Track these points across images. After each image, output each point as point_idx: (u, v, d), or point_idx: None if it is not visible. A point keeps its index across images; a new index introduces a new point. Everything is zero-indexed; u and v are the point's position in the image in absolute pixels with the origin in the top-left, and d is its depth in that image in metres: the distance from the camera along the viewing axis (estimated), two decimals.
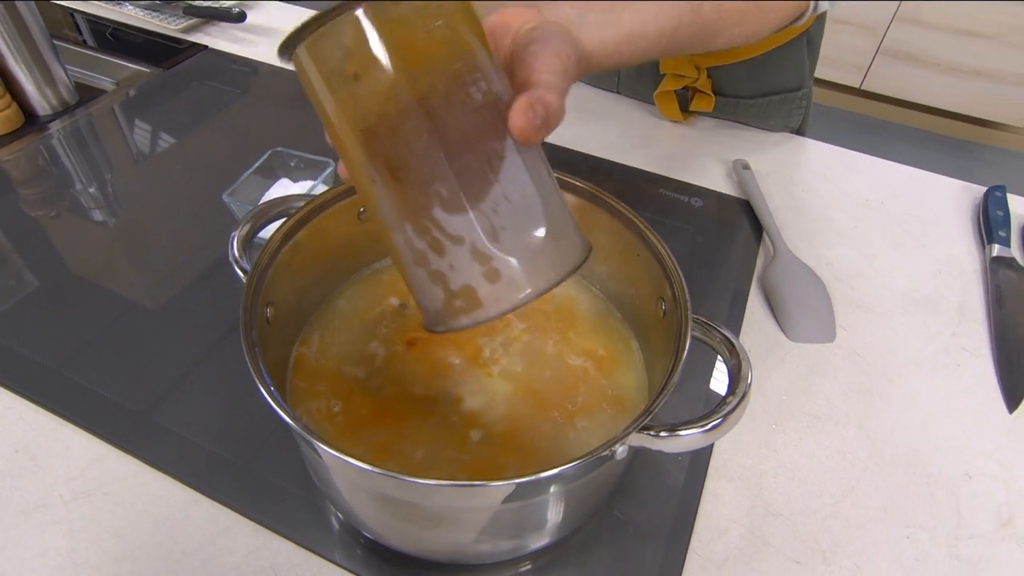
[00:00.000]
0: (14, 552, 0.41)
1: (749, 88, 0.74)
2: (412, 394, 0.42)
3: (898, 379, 0.53)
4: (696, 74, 0.71)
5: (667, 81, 0.73)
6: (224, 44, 0.89)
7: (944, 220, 0.68)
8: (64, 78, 0.78)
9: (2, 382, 0.49)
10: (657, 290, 0.39)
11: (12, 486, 0.44)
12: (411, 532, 0.38)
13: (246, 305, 0.36)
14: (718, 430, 0.33)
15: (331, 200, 0.43)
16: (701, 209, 0.66)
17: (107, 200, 0.68)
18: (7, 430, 0.47)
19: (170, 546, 0.41)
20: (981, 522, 0.45)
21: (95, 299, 0.56)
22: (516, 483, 0.31)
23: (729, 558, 0.42)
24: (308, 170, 0.63)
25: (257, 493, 0.44)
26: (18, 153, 0.72)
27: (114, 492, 0.43)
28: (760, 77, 0.73)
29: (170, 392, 0.49)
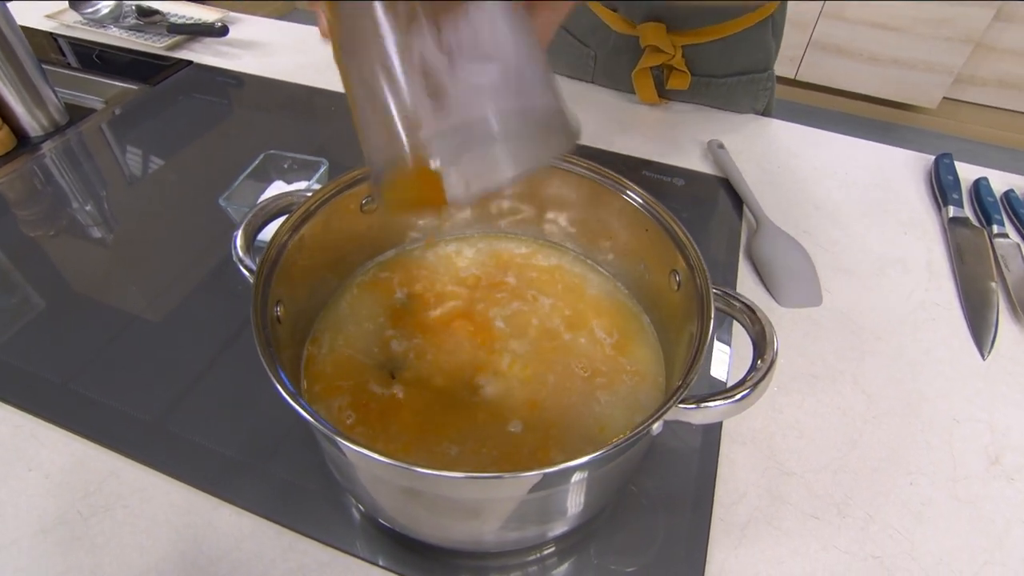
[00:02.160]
0: (37, 572, 0.35)
1: (721, 67, 0.71)
2: (429, 384, 0.38)
3: (884, 335, 0.50)
4: (673, 51, 0.68)
5: (646, 57, 0.70)
6: (209, 58, 0.83)
7: (902, 187, 0.66)
8: (54, 99, 0.71)
9: (10, 400, 0.43)
10: (669, 263, 0.36)
11: (29, 505, 0.38)
12: (437, 523, 0.34)
13: (256, 304, 0.31)
14: (748, 400, 0.29)
15: (333, 194, 0.38)
16: (683, 188, 0.63)
17: (104, 216, 0.62)
18: (19, 448, 0.41)
19: (195, 555, 0.36)
20: (973, 463, 0.43)
21: (98, 314, 0.51)
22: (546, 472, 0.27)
23: (751, 520, 0.38)
24: (302, 171, 0.57)
25: (277, 494, 0.39)
26: (12, 175, 0.65)
27: (133, 504, 0.38)
28: (731, 56, 0.70)
29: (180, 400, 0.44)
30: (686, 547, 0.37)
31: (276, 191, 0.56)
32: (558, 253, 0.45)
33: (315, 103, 0.76)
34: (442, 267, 0.44)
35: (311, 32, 0.90)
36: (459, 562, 0.37)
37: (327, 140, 0.70)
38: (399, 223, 0.44)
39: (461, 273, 0.44)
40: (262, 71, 0.81)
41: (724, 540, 0.38)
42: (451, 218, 0.45)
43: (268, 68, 0.81)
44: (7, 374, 0.45)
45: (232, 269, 0.53)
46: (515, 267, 0.45)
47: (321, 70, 0.80)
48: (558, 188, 0.42)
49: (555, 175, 0.41)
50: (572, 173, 0.40)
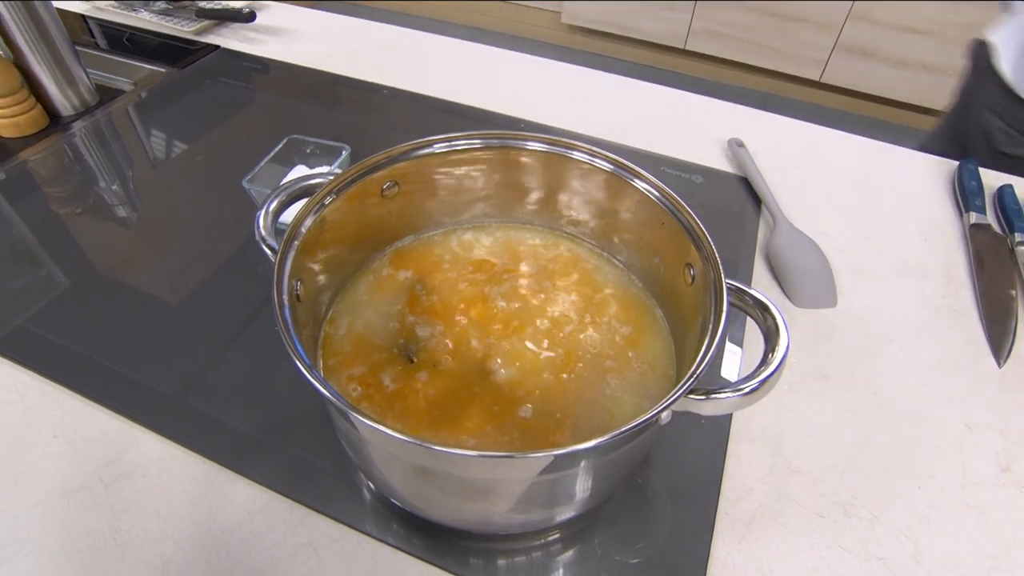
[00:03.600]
0: (60, 534, 0.37)
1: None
2: (442, 367, 0.38)
3: (898, 340, 0.50)
4: None
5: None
6: (236, 44, 0.84)
7: (924, 191, 0.65)
8: (85, 80, 0.72)
9: (38, 369, 0.45)
10: (683, 257, 0.36)
11: (54, 469, 0.40)
12: (447, 503, 0.35)
13: (277, 281, 0.32)
14: (756, 394, 0.30)
15: (355, 178, 0.38)
16: (701, 185, 0.63)
17: (129, 196, 0.63)
18: (46, 416, 0.43)
19: (209, 525, 0.37)
20: (983, 469, 0.42)
21: (123, 290, 0.52)
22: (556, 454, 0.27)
23: (756, 515, 0.39)
24: (324, 156, 0.58)
25: (290, 470, 0.40)
26: (43, 153, 0.67)
27: (152, 474, 0.40)
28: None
29: (200, 376, 0.45)
30: (690, 540, 0.37)
31: (298, 175, 0.57)
32: (573, 244, 0.46)
33: (338, 90, 0.77)
34: (459, 254, 0.45)
35: (337, 20, 0.91)
36: (467, 543, 0.37)
37: (349, 126, 0.71)
38: (419, 210, 0.45)
39: (477, 260, 0.45)
40: (288, 57, 0.82)
41: (728, 534, 0.38)
42: (469, 208, 0.46)
43: (294, 55, 0.82)
44: (36, 344, 0.47)
45: (252, 251, 0.55)
46: (530, 256, 0.45)
47: (345, 58, 0.81)
48: (575, 180, 0.42)
49: (573, 166, 0.41)
50: (590, 165, 0.40)
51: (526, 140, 0.41)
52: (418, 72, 0.80)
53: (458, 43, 0.87)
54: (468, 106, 0.74)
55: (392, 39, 0.87)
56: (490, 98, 0.75)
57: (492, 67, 0.83)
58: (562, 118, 0.72)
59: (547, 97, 0.77)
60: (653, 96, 0.77)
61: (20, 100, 0.67)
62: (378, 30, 0.89)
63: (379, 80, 0.78)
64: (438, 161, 0.41)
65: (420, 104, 0.75)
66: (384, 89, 0.77)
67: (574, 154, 0.40)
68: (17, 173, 0.63)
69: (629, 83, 0.80)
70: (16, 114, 0.67)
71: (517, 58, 0.84)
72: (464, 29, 2.71)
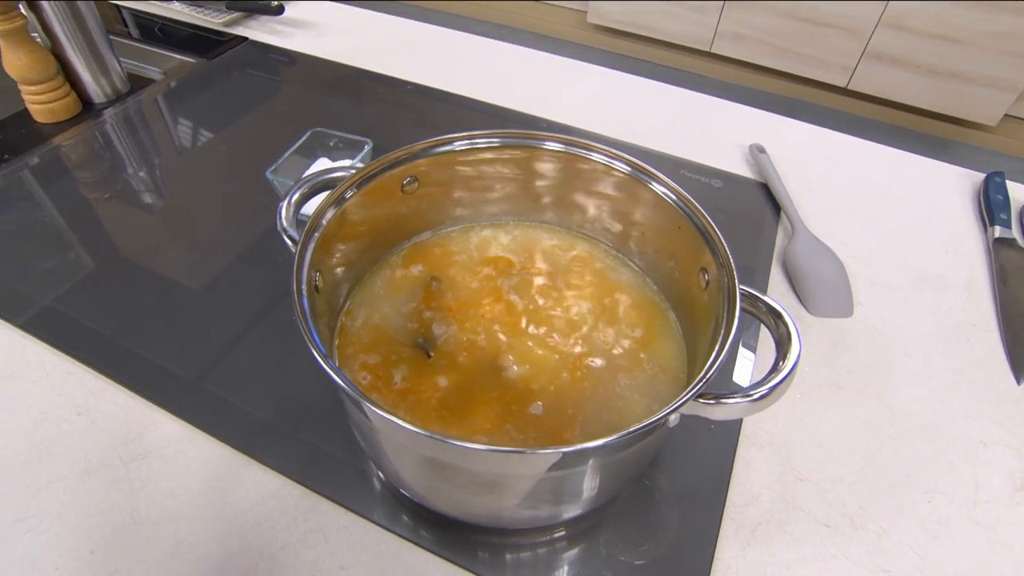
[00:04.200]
0: (80, 508, 0.38)
1: None
2: (455, 362, 0.39)
3: (914, 352, 0.49)
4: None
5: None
6: (264, 36, 0.85)
7: (948, 203, 0.64)
8: (117, 68, 0.74)
9: (64, 348, 0.46)
10: (699, 261, 0.36)
11: (76, 446, 0.41)
12: (455, 496, 0.35)
13: (297, 271, 0.32)
14: (765, 400, 0.30)
15: (376, 172, 0.39)
16: (720, 190, 0.63)
17: (155, 183, 0.65)
18: (70, 394, 0.44)
19: (222, 506, 0.38)
20: (997, 487, 0.42)
21: (147, 274, 0.53)
22: (565, 451, 0.28)
23: (762, 522, 0.39)
24: (347, 150, 0.59)
25: (303, 457, 0.41)
26: (76, 139, 0.68)
27: (169, 455, 0.41)
28: None
29: (219, 361, 0.46)
30: (695, 543, 0.38)
31: (321, 167, 0.58)
32: (590, 245, 0.46)
33: (363, 85, 0.78)
34: (476, 251, 0.45)
35: (364, 15, 0.92)
36: (473, 537, 0.38)
37: (372, 121, 0.72)
38: (438, 206, 0.45)
39: (494, 258, 0.45)
40: (314, 51, 0.83)
41: (733, 540, 0.38)
42: (488, 205, 0.46)
43: (320, 48, 0.83)
44: (63, 324, 0.48)
45: (274, 240, 0.56)
46: (547, 256, 0.45)
47: (371, 53, 0.82)
48: (593, 181, 0.42)
49: (591, 168, 0.41)
50: (607, 166, 0.40)
51: (545, 140, 0.41)
52: (442, 69, 0.80)
53: (482, 40, 0.87)
54: (490, 104, 0.75)
55: (417, 35, 0.88)
56: (512, 96, 0.76)
57: (515, 65, 0.83)
58: (583, 118, 0.72)
59: (569, 97, 0.77)
60: (675, 99, 0.77)
61: (55, 87, 0.69)
62: (403, 26, 0.90)
63: (403, 75, 0.78)
64: (458, 159, 0.42)
65: (443, 100, 0.75)
66: (408, 85, 0.77)
67: (592, 155, 0.40)
68: (50, 158, 0.65)
69: (651, 85, 0.80)
70: (51, 100, 0.69)
71: (540, 57, 0.84)
72: (490, 26, 2.71)
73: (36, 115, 0.70)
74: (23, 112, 0.70)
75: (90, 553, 0.36)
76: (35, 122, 0.70)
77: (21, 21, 0.63)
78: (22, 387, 0.44)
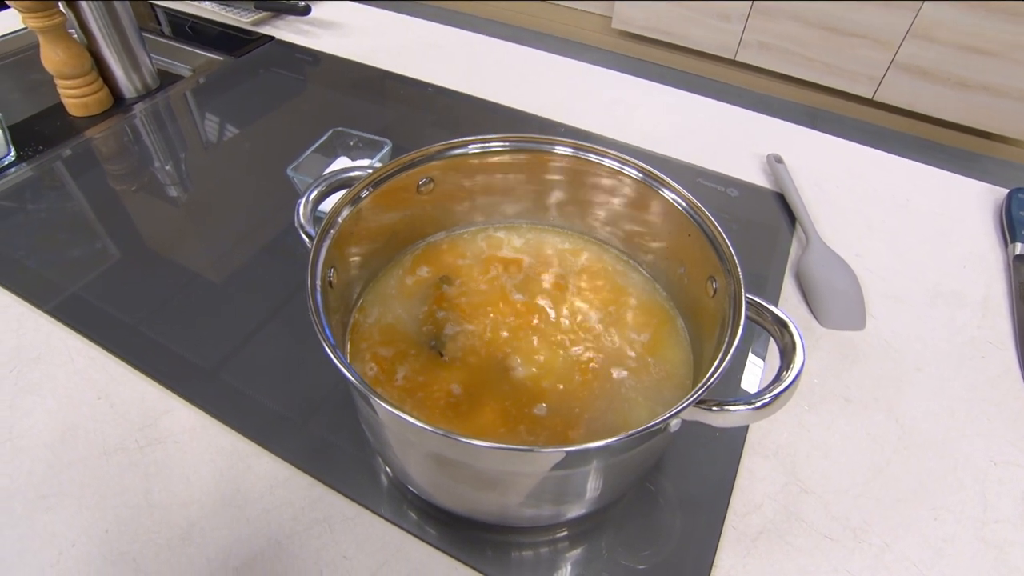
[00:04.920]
0: (97, 488, 0.39)
1: None
2: (463, 361, 0.39)
3: (926, 367, 0.49)
4: None
5: None
6: (290, 35, 0.87)
7: (968, 218, 0.63)
8: (148, 64, 0.76)
9: (88, 335, 0.48)
10: (708, 270, 0.36)
11: (96, 429, 0.42)
12: (459, 492, 0.36)
13: (312, 267, 0.33)
14: (768, 408, 0.30)
15: (393, 172, 0.40)
16: (736, 199, 0.63)
17: (181, 177, 0.66)
18: (91, 378, 0.45)
19: (233, 493, 0.39)
20: (1006, 508, 0.41)
21: (169, 265, 0.55)
22: (568, 451, 0.28)
23: (764, 531, 0.39)
24: (366, 149, 0.60)
25: (313, 449, 0.42)
26: (107, 132, 0.70)
27: (184, 441, 0.42)
28: None
29: (235, 352, 0.47)
30: (695, 549, 0.38)
31: (340, 166, 0.59)
32: (601, 250, 0.46)
33: (385, 85, 0.79)
34: (489, 252, 0.46)
35: (389, 16, 0.93)
36: (476, 534, 0.38)
37: (393, 122, 0.73)
38: (452, 208, 0.46)
39: (506, 260, 0.46)
40: (338, 51, 0.84)
41: (734, 548, 0.38)
42: (501, 208, 0.47)
43: (344, 48, 0.85)
44: (87, 311, 0.50)
45: (292, 236, 0.57)
46: (559, 259, 0.46)
47: (394, 54, 0.83)
48: (605, 186, 0.42)
49: (603, 173, 0.42)
50: (619, 172, 0.41)
51: (557, 145, 0.42)
52: (463, 71, 0.81)
53: (504, 44, 0.88)
54: (510, 107, 0.75)
55: (440, 38, 0.89)
56: (532, 100, 0.76)
57: (536, 70, 0.83)
58: (602, 124, 0.73)
59: (589, 102, 0.77)
60: (695, 107, 0.77)
61: (89, 82, 0.71)
62: (427, 28, 0.91)
63: (425, 77, 0.80)
64: (472, 161, 0.42)
65: (463, 103, 0.76)
66: (429, 86, 0.78)
67: (605, 161, 0.41)
68: (82, 150, 0.67)
69: (671, 92, 0.80)
70: (85, 95, 0.71)
71: (561, 62, 0.85)
72: (514, 30, 2.73)
73: (70, 108, 0.72)
74: (58, 105, 0.72)
75: (105, 532, 0.37)
76: (69, 115, 0.72)
77: (60, 18, 0.66)
78: (47, 370, 0.46)
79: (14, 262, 0.54)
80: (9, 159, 0.65)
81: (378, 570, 0.36)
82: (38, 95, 0.75)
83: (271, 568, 0.36)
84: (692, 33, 2.29)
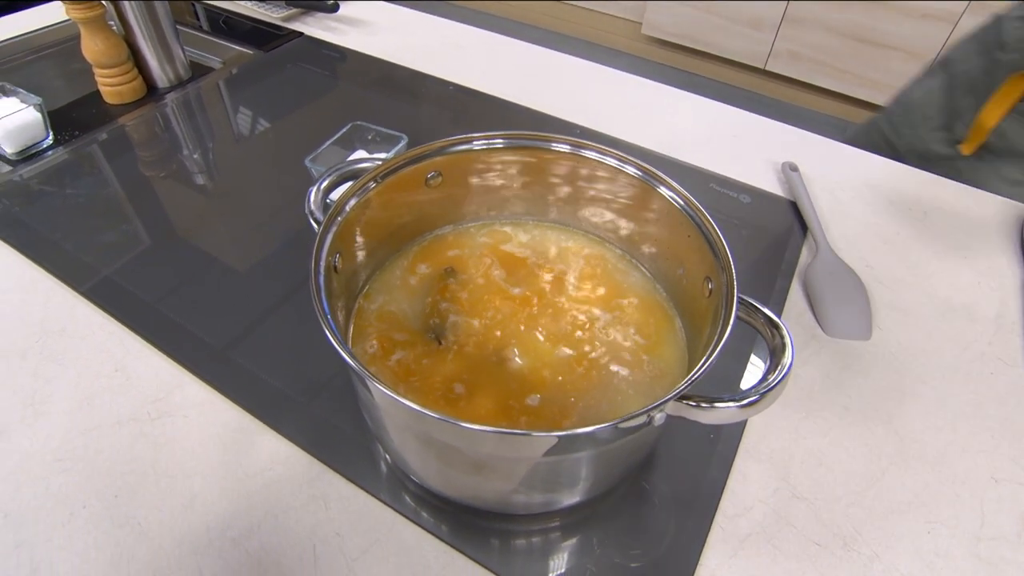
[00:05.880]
0: (109, 456, 0.41)
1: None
2: (462, 350, 0.40)
3: (931, 381, 0.48)
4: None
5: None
6: (318, 32, 0.90)
7: (986, 233, 0.62)
8: (181, 56, 0.79)
9: (109, 310, 0.50)
10: (705, 270, 0.37)
11: (111, 400, 0.44)
12: (451, 476, 0.37)
13: (316, 251, 0.35)
14: (754, 407, 0.30)
15: (402, 165, 0.41)
16: (748, 205, 0.62)
17: (207, 165, 0.69)
18: (110, 351, 0.47)
19: (235, 467, 0.41)
20: (1004, 525, 0.41)
21: (190, 249, 0.57)
22: (557, 435, 0.29)
23: (752, 534, 0.39)
24: (383, 143, 0.62)
25: (315, 430, 0.43)
26: (139, 119, 0.73)
27: (193, 416, 0.44)
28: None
29: (247, 333, 0.49)
30: (681, 547, 0.38)
31: (356, 158, 0.60)
32: (603, 248, 0.47)
33: (407, 82, 0.81)
34: (493, 247, 0.47)
35: (415, 16, 0.95)
36: (467, 519, 0.39)
37: (411, 118, 0.75)
38: (459, 202, 0.47)
39: (510, 255, 0.46)
40: (364, 48, 0.86)
41: (721, 548, 0.38)
42: (507, 204, 0.48)
43: (370, 46, 0.87)
44: (111, 290, 0.52)
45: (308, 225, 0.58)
46: (562, 256, 0.47)
47: (419, 53, 0.85)
48: (608, 185, 0.43)
49: (604, 172, 0.42)
50: (618, 170, 0.41)
51: (556, 142, 0.43)
52: (485, 71, 0.83)
53: (527, 46, 0.89)
54: (529, 108, 0.76)
55: (464, 38, 0.90)
56: (552, 102, 0.77)
57: (559, 73, 0.84)
58: (621, 128, 0.73)
59: (609, 106, 0.78)
60: (715, 113, 0.77)
61: (125, 71, 0.74)
62: (452, 28, 0.93)
63: (447, 76, 0.81)
64: (478, 157, 0.43)
65: (483, 102, 0.77)
66: (450, 85, 0.80)
67: (605, 159, 0.42)
68: (115, 135, 0.70)
69: (692, 98, 0.80)
70: (120, 83, 0.74)
71: (585, 66, 0.86)
72: (543, 33, 2.74)
73: (106, 96, 0.75)
74: (95, 93, 0.75)
75: (114, 497, 0.39)
76: (104, 103, 0.75)
77: (100, 10, 0.69)
78: (70, 343, 0.48)
79: (51, 243, 0.56)
80: (47, 142, 0.68)
81: (369, 548, 0.37)
82: (78, 83, 0.78)
83: (267, 540, 0.37)
84: (722, 41, 2.27)
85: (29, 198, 0.61)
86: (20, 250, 0.55)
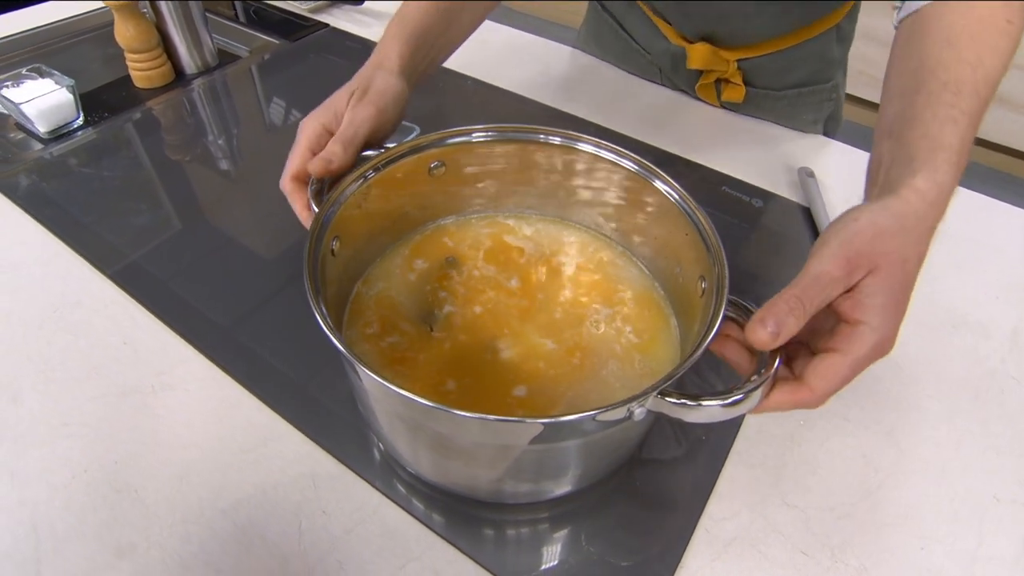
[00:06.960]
0: (112, 423, 0.43)
1: (778, 80, 0.70)
2: (455, 339, 0.41)
3: (938, 396, 0.47)
4: (726, 67, 0.69)
5: (705, 74, 0.72)
6: (343, 24, 0.91)
7: (1007, 246, 0.60)
8: (210, 44, 0.81)
9: (121, 284, 0.51)
10: (700, 269, 0.36)
11: (117, 371, 0.46)
12: (437, 462, 0.37)
13: (313, 232, 0.35)
14: (738, 406, 0.30)
15: (404, 154, 0.42)
16: (759, 210, 0.61)
17: (231, 150, 0.70)
18: (120, 325, 0.49)
19: (230, 441, 0.42)
20: (1003, 546, 0.39)
21: (205, 229, 0.58)
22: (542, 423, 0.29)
23: (737, 538, 0.38)
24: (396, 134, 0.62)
25: (309, 410, 0.44)
26: (166, 104, 0.75)
27: (193, 390, 0.45)
28: (790, 68, 0.69)
29: (251, 313, 0.50)
30: (665, 546, 0.38)
31: None
32: (604, 244, 0.47)
33: None
34: (494, 239, 0.47)
35: None
36: (453, 506, 0.39)
37: (427, 110, 0.75)
38: (462, 193, 0.47)
39: (510, 247, 0.46)
40: None
41: (704, 550, 0.38)
42: (509, 197, 0.48)
43: None
44: (123, 263, 0.53)
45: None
46: (562, 251, 0.46)
47: None
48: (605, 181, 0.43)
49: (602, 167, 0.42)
50: (617, 166, 0.41)
51: (551, 135, 0.43)
52: (504, 67, 0.83)
53: (548, 43, 0.89)
54: (544, 104, 0.76)
55: (486, 34, 0.90)
56: (568, 101, 0.77)
57: (576, 71, 0.84)
58: (638, 129, 0.72)
59: (627, 108, 0.77)
60: (734, 120, 0.76)
61: (155, 57, 0.76)
62: None
63: (466, 71, 0.81)
64: (477, 149, 0.44)
65: (499, 96, 0.77)
66: (469, 79, 0.80)
67: (603, 153, 0.41)
68: (142, 118, 0.72)
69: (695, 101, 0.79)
70: (150, 68, 0.76)
71: (604, 67, 0.85)
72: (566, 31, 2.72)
73: (136, 80, 0.77)
74: (125, 77, 0.78)
75: (114, 463, 0.40)
76: (134, 87, 0.77)
77: None
78: (84, 315, 0.49)
79: (74, 220, 0.58)
80: (78, 123, 0.70)
81: (353, 527, 0.38)
82: (111, 67, 0.81)
83: (254, 513, 0.38)
84: None
85: (57, 176, 0.63)
86: (45, 224, 0.57)
